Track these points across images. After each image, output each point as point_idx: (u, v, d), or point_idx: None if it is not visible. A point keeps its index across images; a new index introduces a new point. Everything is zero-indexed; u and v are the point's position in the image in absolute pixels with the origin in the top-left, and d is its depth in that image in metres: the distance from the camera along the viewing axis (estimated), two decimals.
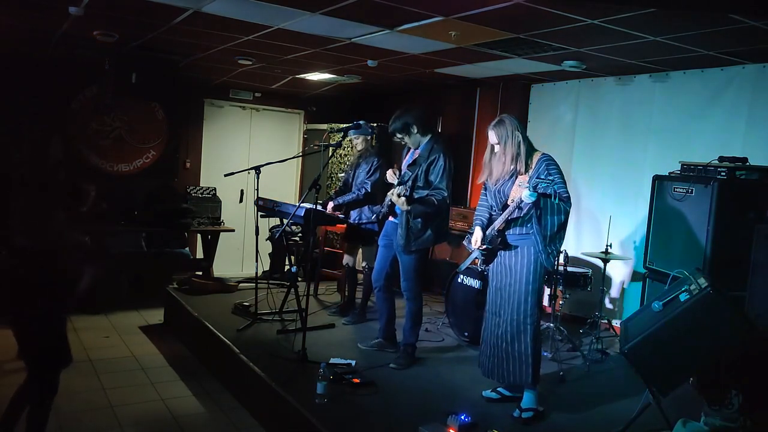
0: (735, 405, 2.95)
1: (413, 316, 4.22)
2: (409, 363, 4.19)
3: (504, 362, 3.49)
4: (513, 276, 3.45)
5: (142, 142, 7.34)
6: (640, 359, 3.06)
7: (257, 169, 4.73)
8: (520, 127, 3.48)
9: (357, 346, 4.52)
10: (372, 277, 4.51)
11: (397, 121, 4.12)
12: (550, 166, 3.39)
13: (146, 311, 6.08)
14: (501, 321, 3.50)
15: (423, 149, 4.11)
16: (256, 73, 6.62)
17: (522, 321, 3.42)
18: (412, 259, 4.13)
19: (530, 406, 3.46)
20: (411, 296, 4.21)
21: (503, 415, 3.45)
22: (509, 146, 3.43)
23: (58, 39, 5.35)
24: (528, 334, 3.41)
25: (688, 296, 2.97)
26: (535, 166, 3.41)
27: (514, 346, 3.44)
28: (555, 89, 6.10)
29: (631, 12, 3.45)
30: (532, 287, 3.41)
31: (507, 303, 3.47)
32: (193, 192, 7.32)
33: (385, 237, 4.36)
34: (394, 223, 4.19)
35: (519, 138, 3.43)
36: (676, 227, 4.33)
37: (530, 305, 3.41)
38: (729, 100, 4.73)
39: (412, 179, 4.02)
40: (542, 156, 3.45)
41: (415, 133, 4.11)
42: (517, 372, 3.45)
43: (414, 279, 4.18)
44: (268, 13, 4.11)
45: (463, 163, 6.92)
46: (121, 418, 3.73)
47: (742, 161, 4.14)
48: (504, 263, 3.51)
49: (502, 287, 3.51)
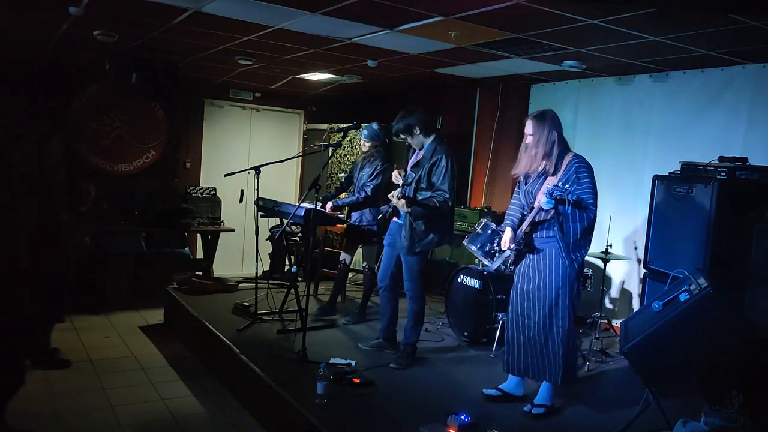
0: (735, 405, 2.95)
1: (415, 315, 4.22)
2: (409, 363, 4.19)
3: (538, 361, 3.48)
4: (541, 279, 3.42)
5: (142, 142, 7.34)
6: (640, 359, 3.06)
7: (257, 169, 4.72)
8: (559, 126, 3.42)
9: (357, 345, 4.51)
10: (378, 276, 4.51)
11: (400, 122, 4.13)
12: (581, 170, 3.33)
13: (146, 311, 6.08)
14: (531, 323, 3.47)
15: (426, 150, 4.11)
16: (256, 73, 6.62)
17: (554, 323, 3.39)
18: (415, 260, 4.14)
19: (544, 402, 3.47)
20: (414, 296, 4.21)
21: (503, 415, 3.45)
22: (542, 143, 3.37)
23: (58, 39, 5.35)
24: (560, 335, 3.39)
25: (688, 296, 2.97)
26: (565, 168, 3.35)
27: (547, 347, 3.42)
28: (555, 89, 6.10)
29: (631, 12, 3.45)
30: (562, 291, 3.37)
31: (537, 306, 3.44)
32: (193, 192, 7.32)
33: (389, 236, 4.36)
34: (398, 224, 4.20)
35: (554, 137, 3.37)
36: (676, 227, 4.33)
37: (561, 309, 3.37)
38: (729, 100, 4.73)
39: (416, 181, 4.03)
40: (574, 158, 3.38)
41: (417, 134, 4.12)
42: (548, 370, 3.44)
43: (417, 279, 4.19)
44: (268, 13, 4.11)
45: (463, 163, 6.92)
46: (121, 418, 3.73)
47: (742, 161, 4.14)
48: (531, 266, 3.47)
49: (530, 290, 3.47)
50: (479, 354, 4.56)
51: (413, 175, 4.08)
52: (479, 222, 4.96)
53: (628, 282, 5.42)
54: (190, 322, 5.10)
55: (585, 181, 3.31)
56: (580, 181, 3.31)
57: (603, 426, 3.41)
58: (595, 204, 3.32)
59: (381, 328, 4.50)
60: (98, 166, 7.06)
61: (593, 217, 3.32)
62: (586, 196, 3.27)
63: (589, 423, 3.50)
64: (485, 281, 4.67)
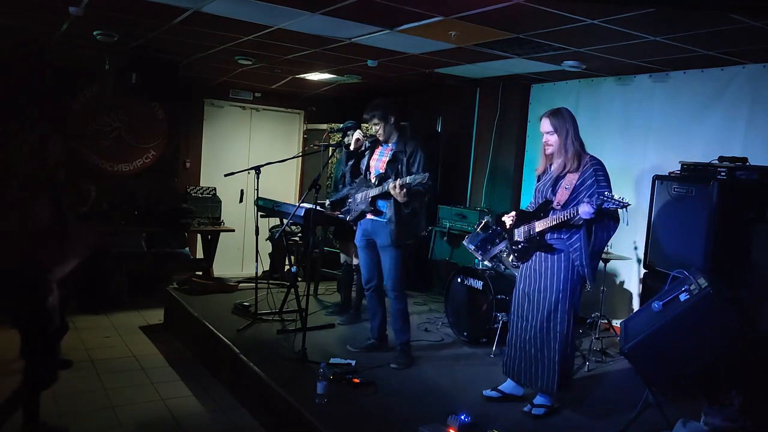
0: (735, 405, 2.95)
1: (402, 314, 4.21)
2: (410, 361, 4.19)
3: (532, 366, 3.44)
4: (543, 282, 3.38)
5: (142, 142, 7.35)
6: (640, 359, 3.06)
7: (257, 169, 4.72)
8: (575, 123, 3.37)
9: (347, 348, 4.45)
10: (363, 279, 4.47)
11: (380, 108, 4.15)
12: (598, 172, 3.28)
13: (146, 311, 6.09)
14: (529, 326, 3.44)
15: (397, 145, 4.15)
16: (256, 73, 6.62)
17: (552, 328, 3.35)
18: (398, 256, 4.12)
19: (544, 403, 3.45)
20: (397, 294, 4.19)
21: (503, 415, 3.45)
22: (570, 139, 3.32)
23: (58, 39, 5.35)
24: (557, 341, 3.34)
25: (688, 296, 2.97)
26: (582, 169, 3.31)
27: (543, 352, 3.39)
28: (555, 89, 6.10)
29: (631, 12, 3.45)
30: (562, 295, 3.32)
31: (536, 309, 3.40)
32: (193, 192, 7.32)
33: (363, 238, 4.30)
34: (377, 222, 4.17)
35: (572, 133, 3.33)
36: (676, 227, 4.33)
37: (560, 313, 3.33)
38: (729, 100, 4.73)
39: (397, 175, 4.05)
40: (591, 159, 3.33)
41: (391, 124, 4.16)
42: (544, 378, 3.40)
43: (400, 276, 4.17)
44: (268, 13, 4.11)
45: (463, 163, 6.93)
46: (121, 418, 3.73)
47: (742, 161, 4.14)
48: (535, 268, 3.43)
49: (531, 292, 3.44)
50: (479, 354, 4.56)
51: (389, 171, 4.09)
52: (479, 222, 4.98)
53: (628, 282, 5.42)
54: (190, 322, 5.11)
55: (605, 187, 3.22)
56: (600, 186, 3.22)
57: (603, 426, 3.41)
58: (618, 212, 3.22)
59: (372, 328, 4.48)
60: (98, 166, 7.06)
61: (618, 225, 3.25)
62: (611, 203, 3.14)
63: (589, 423, 3.50)
64: (485, 281, 4.66)
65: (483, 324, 4.66)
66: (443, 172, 7.06)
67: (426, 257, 6.70)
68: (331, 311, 5.45)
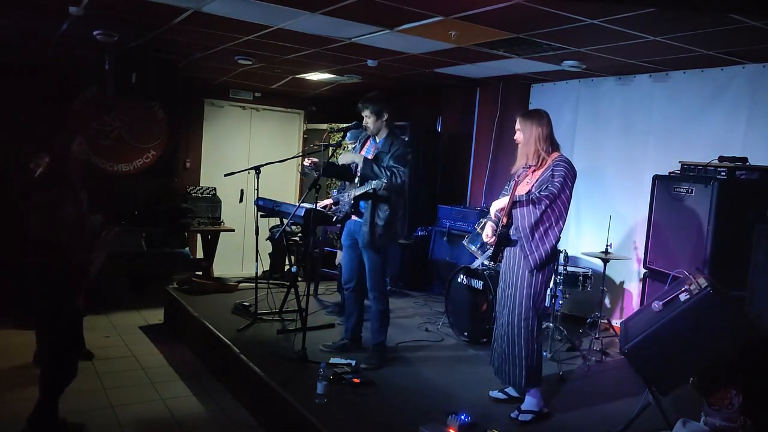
0: (735, 405, 2.95)
1: (381, 315, 4.21)
2: (381, 362, 4.15)
3: (504, 363, 3.51)
4: (512, 278, 3.45)
5: (142, 142, 7.34)
6: (640, 359, 3.06)
7: (257, 169, 4.72)
8: (546, 124, 3.44)
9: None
10: (342, 278, 4.46)
11: (375, 101, 4.12)
12: (557, 169, 3.34)
13: (146, 311, 6.08)
14: (501, 323, 3.52)
15: (383, 145, 4.14)
16: (256, 73, 6.62)
17: (516, 324, 3.40)
18: (378, 256, 4.12)
19: (530, 409, 3.44)
20: (377, 295, 4.19)
21: (503, 415, 3.45)
22: (533, 138, 3.41)
23: (58, 39, 5.35)
24: (522, 336, 3.39)
25: (688, 296, 2.97)
26: (546, 166, 3.39)
27: (512, 349, 3.44)
28: (555, 89, 6.10)
29: (631, 12, 3.45)
30: (526, 291, 3.38)
31: (507, 304, 3.47)
32: (193, 192, 7.32)
33: (348, 238, 4.31)
34: (359, 223, 4.16)
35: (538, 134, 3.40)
36: (676, 227, 4.33)
37: (524, 308, 3.38)
38: (729, 100, 4.73)
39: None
40: (558, 158, 3.40)
41: (383, 120, 4.14)
42: (512, 374, 3.45)
43: (381, 278, 4.18)
44: (268, 13, 4.11)
45: (463, 163, 6.93)
46: (122, 418, 3.73)
47: (742, 161, 4.14)
48: (506, 264, 3.51)
49: (505, 287, 3.52)
50: (479, 354, 4.56)
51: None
52: (479, 222, 4.97)
53: (628, 282, 5.42)
54: (190, 322, 5.11)
55: (558, 180, 3.31)
56: (553, 178, 3.33)
57: (602, 426, 3.41)
58: (560, 203, 3.29)
59: (346, 328, 4.46)
60: (98, 166, 7.06)
61: (544, 208, 3.28)
62: (547, 192, 3.27)
63: (588, 423, 3.49)
64: (485, 281, 4.67)
65: (483, 324, 4.66)
66: (443, 172, 7.06)
67: (426, 257, 6.70)
68: (331, 311, 5.45)
